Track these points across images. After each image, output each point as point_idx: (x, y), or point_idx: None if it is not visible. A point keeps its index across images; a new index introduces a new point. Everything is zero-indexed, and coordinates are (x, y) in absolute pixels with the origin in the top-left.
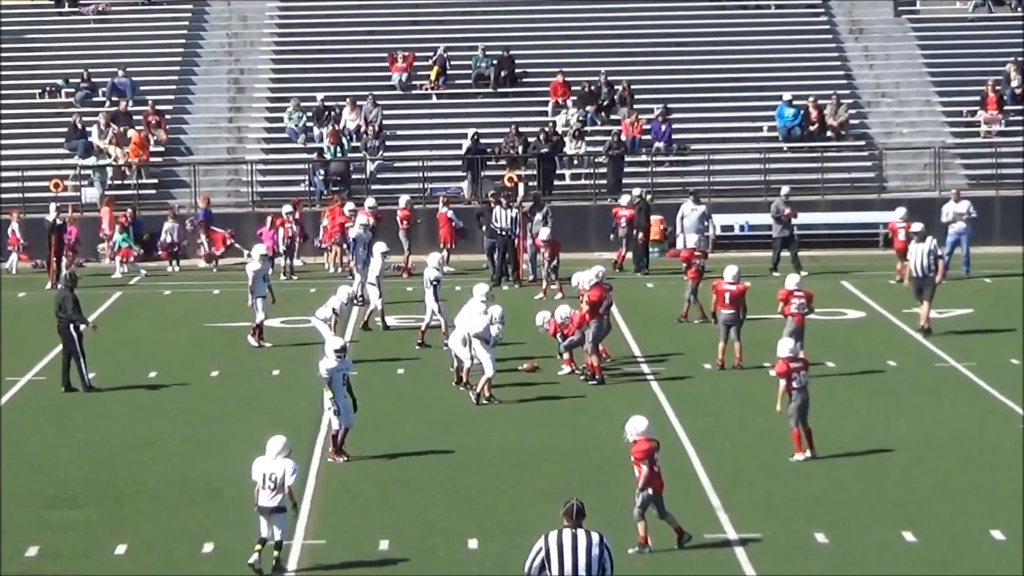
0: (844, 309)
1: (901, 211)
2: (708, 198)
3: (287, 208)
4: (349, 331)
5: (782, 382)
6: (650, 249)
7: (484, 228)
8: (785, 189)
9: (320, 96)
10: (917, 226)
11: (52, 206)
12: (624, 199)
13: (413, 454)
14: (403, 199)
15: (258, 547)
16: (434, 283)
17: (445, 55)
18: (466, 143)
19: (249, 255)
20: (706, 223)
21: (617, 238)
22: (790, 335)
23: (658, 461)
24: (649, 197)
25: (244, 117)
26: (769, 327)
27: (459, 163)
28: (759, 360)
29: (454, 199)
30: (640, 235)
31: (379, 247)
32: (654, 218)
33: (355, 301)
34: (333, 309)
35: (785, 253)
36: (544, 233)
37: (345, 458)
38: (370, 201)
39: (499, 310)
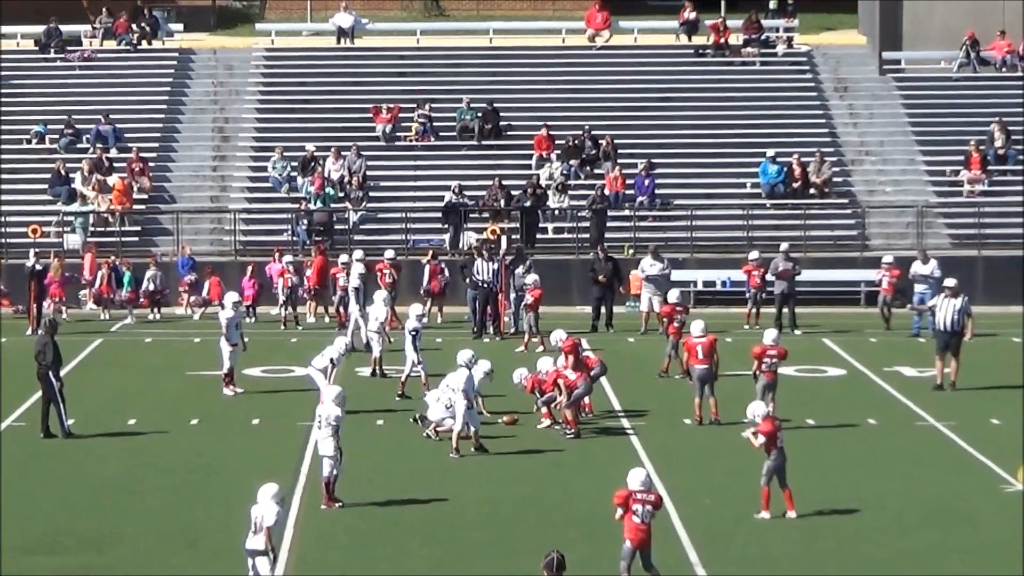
0: (825, 367)
1: (888, 257)
2: (690, 253)
3: (344, 258)
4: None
5: (761, 438)
6: (631, 304)
7: (468, 280)
8: (784, 245)
9: (310, 147)
10: (950, 281)
11: (32, 252)
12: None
13: (392, 504)
14: (388, 252)
15: None
16: (413, 334)
17: (428, 111)
18: (448, 195)
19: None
20: (663, 275)
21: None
22: (763, 389)
23: (639, 513)
24: (632, 252)
25: (228, 166)
26: (746, 382)
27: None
28: (737, 416)
29: (440, 251)
30: (597, 288)
31: (380, 295)
32: (634, 273)
33: (351, 350)
34: (331, 359)
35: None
36: (531, 278)
37: (340, 504)
38: (358, 253)
39: (487, 364)
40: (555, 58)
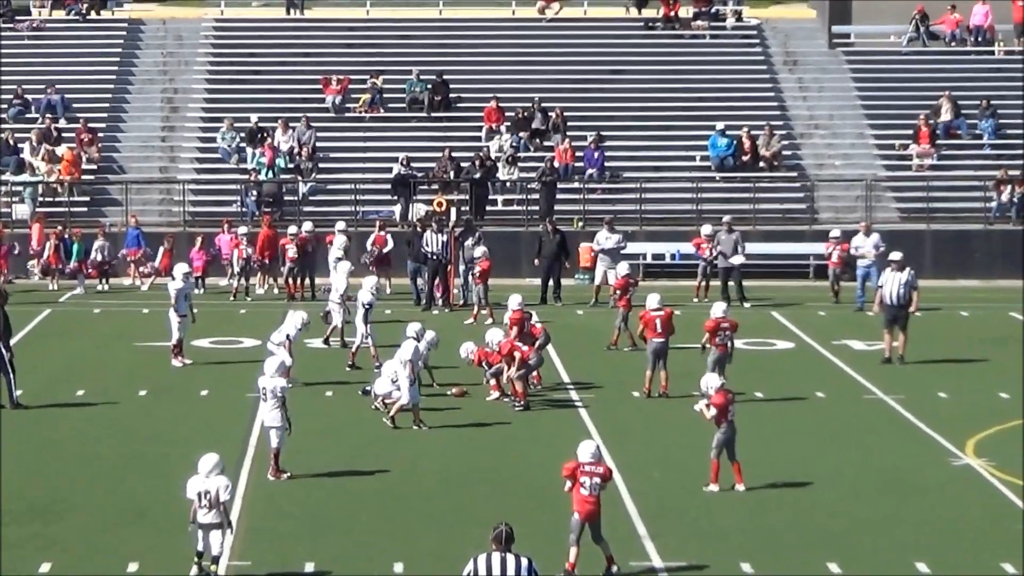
0: (773, 340)
1: (837, 231)
2: (639, 226)
3: (292, 229)
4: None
5: (713, 411)
6: (580, 277)
7: (409, 252)
8: (726, 218)
9: (255, 117)
10: (896, 255)
11: None
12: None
13: (341, 475)
14: (339, 224)
15: (196, 559)
16: (366, 307)
17: (379, 82)
18: (396, 167)
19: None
20: (618, 248)
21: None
22: (715, 363)
23: (587, 486)
24: (581, 224)
25: (177, 136)
26: (696, 356)
27: (392, 187)
28: (686, 389)
29: (389, 223)
30: (538, 262)
31: (343, 266)
32: (584, 246)
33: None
34: (288, 336)
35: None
36: (480, 251)
37: (287, 475)
38: (307, 225)
39: (432, 335)
40: (505, 30)
